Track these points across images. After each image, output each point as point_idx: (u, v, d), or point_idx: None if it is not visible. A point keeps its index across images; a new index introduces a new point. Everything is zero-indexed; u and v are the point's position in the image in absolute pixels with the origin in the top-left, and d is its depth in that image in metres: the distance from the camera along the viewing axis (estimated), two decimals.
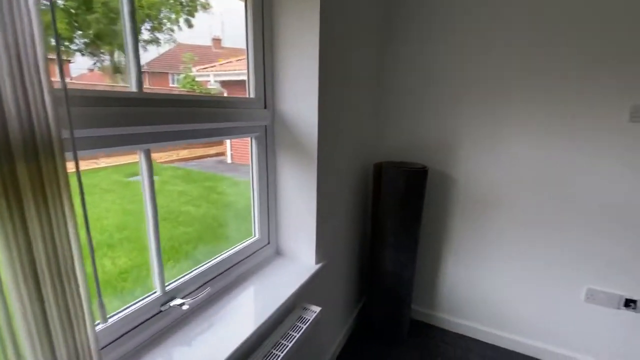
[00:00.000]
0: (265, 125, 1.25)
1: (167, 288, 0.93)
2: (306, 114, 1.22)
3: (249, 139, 1.24)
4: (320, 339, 1.55)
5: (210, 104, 1.00)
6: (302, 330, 1.06)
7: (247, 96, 1.20)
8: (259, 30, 1.16)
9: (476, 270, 1.90)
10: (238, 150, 1.95)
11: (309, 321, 1.10)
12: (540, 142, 1.63)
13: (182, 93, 1.58)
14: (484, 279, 1.90)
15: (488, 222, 1.82)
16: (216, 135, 1.04)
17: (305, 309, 1.18)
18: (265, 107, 1.24)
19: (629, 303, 1.59)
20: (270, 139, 1.29)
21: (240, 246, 1.24)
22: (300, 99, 1.21)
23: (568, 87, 1.53)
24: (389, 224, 1.73)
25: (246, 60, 1.18)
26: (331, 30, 1.20)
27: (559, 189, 1.63)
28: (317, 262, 1.34)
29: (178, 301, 0.91)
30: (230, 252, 1.19)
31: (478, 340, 1.96)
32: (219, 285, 1.11)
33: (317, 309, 1.18)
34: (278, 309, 1.03)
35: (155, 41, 1.17)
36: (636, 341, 1.61)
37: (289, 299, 1.09)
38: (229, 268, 1.16)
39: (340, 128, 1.45)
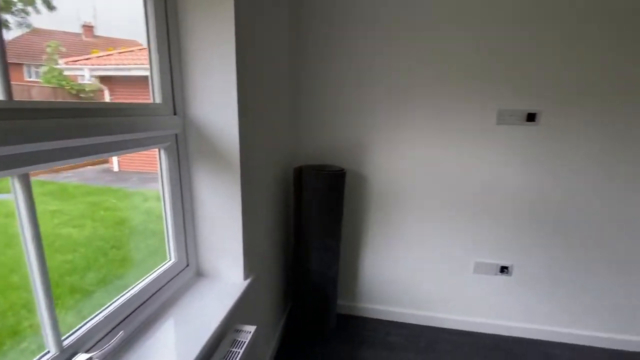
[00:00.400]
0: (176, 134, 1.11)
1: (65, 343, 0.74)
2: (225, 120, 1.12)
3: (156, 150, 1.08)
4: (257, 356, 1.48)
5: (106, 113, 0.82)
6: (240, 355, 0.98)
7: (152, 101, 1.03)
8: (162, 20, 1.00)
9: (388, 258, 2.09)
10: (127, 156, 1.69)
11: (245, 344, 1.03)
12: (433, 143, 1.88)
13: (69, 100, 1.29)
14: (394, 265, 2.10)
15: (395, 214, 2.02)
16: (115, 150, 0.86)
17: (238, 330, 1.10)
18: (175, 114, 1.09)
19: (503, 269, 1.99)
20: (183, 149, 1.14)
21: (154, 274, 1.07)
22: (218, 103, 1.10)
23: (452, 97, 1.80)
24: (312, 226, 1.75)
25: (148, 58, 1.01)
26: (246, 23, 1.12)
27: (447, 181, 1.92)
28: (245, 278, 1.26)
29: (83, 357, 0.73)
30: (143, 283, 1.01)
31: (394, 322, 2.16)
32: (134, 324, 0.94)
33: (252, 328, 1.11)
34: (209, 340, 0.93)
35: (3, 24, 0.90)
36: (508, 297, 2.02)
37: (219, 325, 0.99)
38: (143, 302, 0.99)
39: (261, 133, 1.39)
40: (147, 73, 1.02)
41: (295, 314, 1.99)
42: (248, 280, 1.25)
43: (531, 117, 1.77)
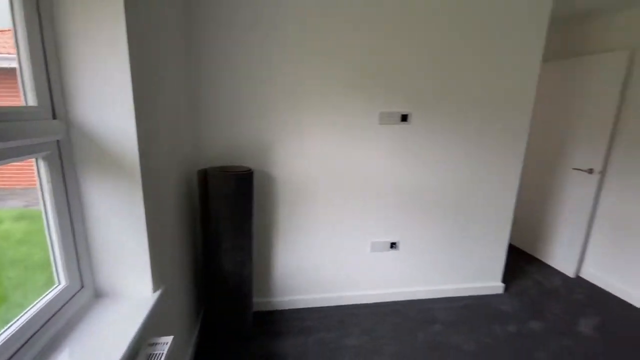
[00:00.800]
0: (58, 140, 0.98)
1: None
2: (119, 120, 1.02)
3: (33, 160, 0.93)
4: None
5: None
6: None
7: (25, 104, 0.89)
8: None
9: (298, 249, 2.24)
10: None
11: (163, 355, 0.99)
12: (330, 141, 2.09)
13: None
14: (303, 255, 2.26)
15: (301, 207, 2.17)
16: None
17: (154, 344, 1.04)
18: (54, 117, 0.96)
19: (392, 245, 2.35)
20: (68, 157, 1.01)
21: (38, 305, 0.93)
22: (109, 100, 1.00)
23: (344, 100, 2.04)
24: (223, 228, 1.74)
25: (16, 49, 0.86)
26: (137, 5, 1.06)
27: (344, 174, 2.16)
28: (155, 290, 1.19)
29: None
30: (21, 320, 0.86)
31: (308, 308, 2.33)
32: None
33: (169, 338, 1.07)
34: None
35: None
36: (398, 267, 2.41)
37: (130, 344, 0.93)
38: (26, 342, 0.85)
39: (161, 134, 1.32)
40: (15, 65, 0.87)
41: (211, 316, 1.94)
42: (158, 292, 1.19)
43: (404, 118, 2.15)
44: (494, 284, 2.59)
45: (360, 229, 2.29)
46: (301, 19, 1.89)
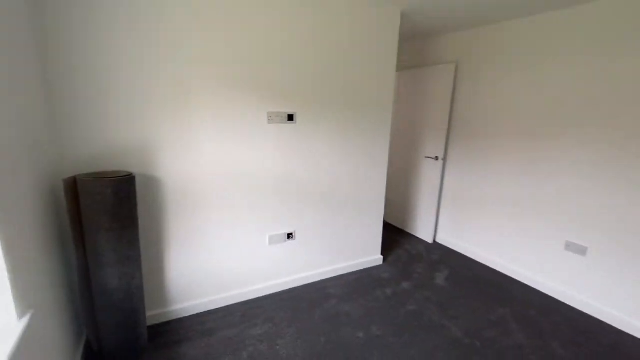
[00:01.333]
0: None
1: None
2: None
3: None
4: None
5: None
6: None
7: None
8: None
9: (194, 253, 2.20)
10: None
11: None
12: (222, 140, 2.12)
13: None
14: (200, 258, 2.23)
15: (197, 210, 2.13)
16: None
17: None
18: None
19: (289, 236, 2.53)
20: None
21: None
22: None
23: (232, 100, 2.08)
24: (104, 240, 1.59)
25: None
26: None
27: (239, 172, 2.22)
28: (21, 316, 1.04)
29: None
30: None
31: (209, 311, 2.31)
32: None
33: None
34: None
35: None
36: (295, 256, 2.61)
37: None
38: None
39: (9, 142, 1.14)
40: None
41: (97, 337, 1.74)
42: (26, 318, 1.04)
43: (291, 117, 2.33)
44: (375, 257, 3.05)
45: (258, 225, 2.38)
46: (190, 9, 1.85)
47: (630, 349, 2.06)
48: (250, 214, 2.34)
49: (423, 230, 3.71)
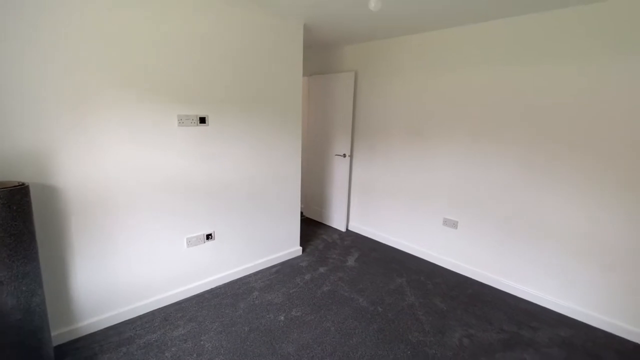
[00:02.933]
0: None
1: None
2: None
3: None
4: None
5: None
6: None
7: None
8: None
9: (109, 263, 2.11)
10: None
11: None
12: (130, 143, 2.08)
13: None
14: (115, 267, 2.16)
15: (105, 217, 2.05)
16: None
17: None
18: None
19: (208, 237, 2.59)
20: None
21: None
22: None
23: (141, 103, 2.06)
24: None
25: None
26: None
27: (152, 175, 2.21)
28: None
29: None
30: None
31: (127, 320, 2.23)
32: None
33: None
34: None
35: None
36: (216, 257, 2.68)
37: None
38: None
39: None
40: None
41: None
42: None
43: (203, 120, 2.40)
44: (295, 249, 3.30)
45: (175, 228, 2.39)
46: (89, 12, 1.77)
47: (486, 295, 2.72)
48: (166, 218, 2.33)
49: (337, 221, 4.11)
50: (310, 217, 4.49)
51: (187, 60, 2.23)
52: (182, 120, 2.28)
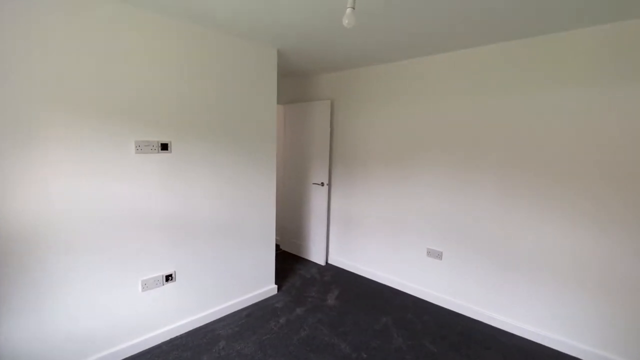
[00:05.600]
0: None
1: None
2: None
3: None
4: None
5: None
6: None
7: None
8: None
9: (39, 317, 1.75)
10: None
11: None
12: (76, 174, 1.81)
13: None
14: (51, 322, 1.79)
15: (40, 259, 1.73)
16: None
17: None
18: None
19: (168, 278, 2.27)
20: None
21: None
22: None
23: (93, 129, 1.83)
24: None
25: None
26: None
27: (102, 210, 1.92)
28: None
29: None
30: None
31: None
32: None
33: None
34: None
35: None
36: (177, 300, 2.34)
37: None
38: None
39: None
40: None
41: None
42: None
43: (165, 147, 2.18)
44: (269, 287, 3.00)
45: (127, 270, 2.07)
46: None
47: (477, 332, 2.51)
48: (120, 257, 2.02)
49: (316, 254, 3.85)
50: (288, 250, 4.20)
51: (148, 81, 2.05)
52: (141, 147, 2.05)
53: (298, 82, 4.00)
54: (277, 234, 4.41)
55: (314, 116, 3.71)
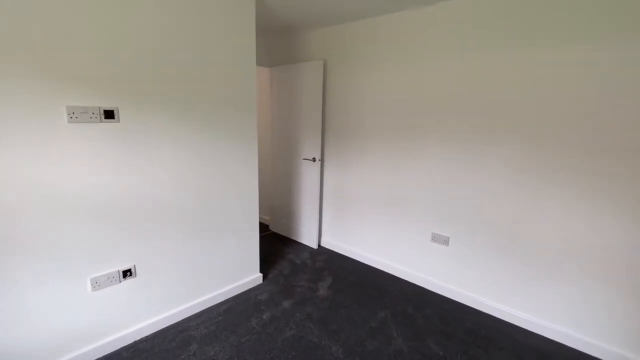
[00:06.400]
0: None
1: None
2: None
3: None
4: None
5: None
6: None
7: None
8: None
9: None
10: None
11: None
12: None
13: None
14: None
15: None
16: None
17: None
18: None
19: (126, 274, 1.90)
20: None
21: None
22: None
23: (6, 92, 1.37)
24: None
25: None
26: None
27: (30, 195, 1.51)
28: None
29: None
30: None
31: None
32: None
33: None
34: None
35: None
36: (140, 299, 1.99)
37: None
38: None
39: None
40: None
41: None
42: None
43: (110, 115, 1.72)
44: (253, 277, 2.65)
45: (72, 267, 1.69)
46: None
47: (488, 329, 2.20)
48: (58, 255, 1.63)
49: (307, 236, 3.50)
50: (277, 231, 3.85)
51: (81, 28, 1.55)
52: (76, 114, 1.60)
53: (286, 39, 3.44)
54: (266, 214, 4.04)
55: (305, 80, 3.20)
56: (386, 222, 2.91)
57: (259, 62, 3.42)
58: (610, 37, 1.74)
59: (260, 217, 4.11)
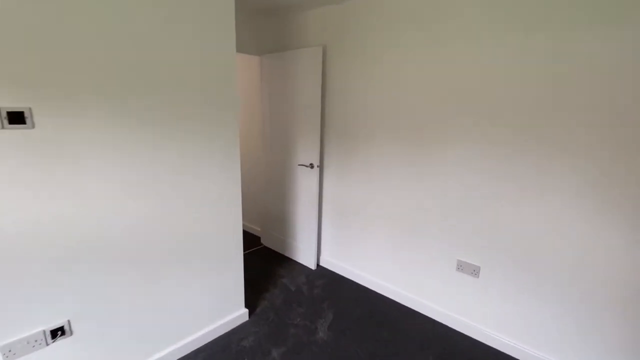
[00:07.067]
0: None
1: None
2: None
3: None
4: None
5: None
6: None
7: None
8: None
9: None
10: None
11: None
12: None
13: None
14: None
15: None
16: None
17: None
18: None
19: (55, 334, 1.40)
20: None
21: None
22: None
23: None
24: None
25: None
26: None
27: None
28: None
29: None
30: None
31: None
32: None
33: None
34: None
35: None
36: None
37: None
38: None
39: None
40: None
41: None
42: None
43: (18, 118, 1.20)
44: (236, 314, 2.15)
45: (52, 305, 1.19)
46: None
47: None
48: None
49: (304, 254, 3.00)
50: (270, 246, 3.34)
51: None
52: None
53: (278, 22, 2.89)
54: (257, 225, 3.54)
55: (301, 70, 2.67)
56: (399, 242, 2.41)
57: (246, 50, 2.87)
58: None
59: (250, 228, 3.61)
